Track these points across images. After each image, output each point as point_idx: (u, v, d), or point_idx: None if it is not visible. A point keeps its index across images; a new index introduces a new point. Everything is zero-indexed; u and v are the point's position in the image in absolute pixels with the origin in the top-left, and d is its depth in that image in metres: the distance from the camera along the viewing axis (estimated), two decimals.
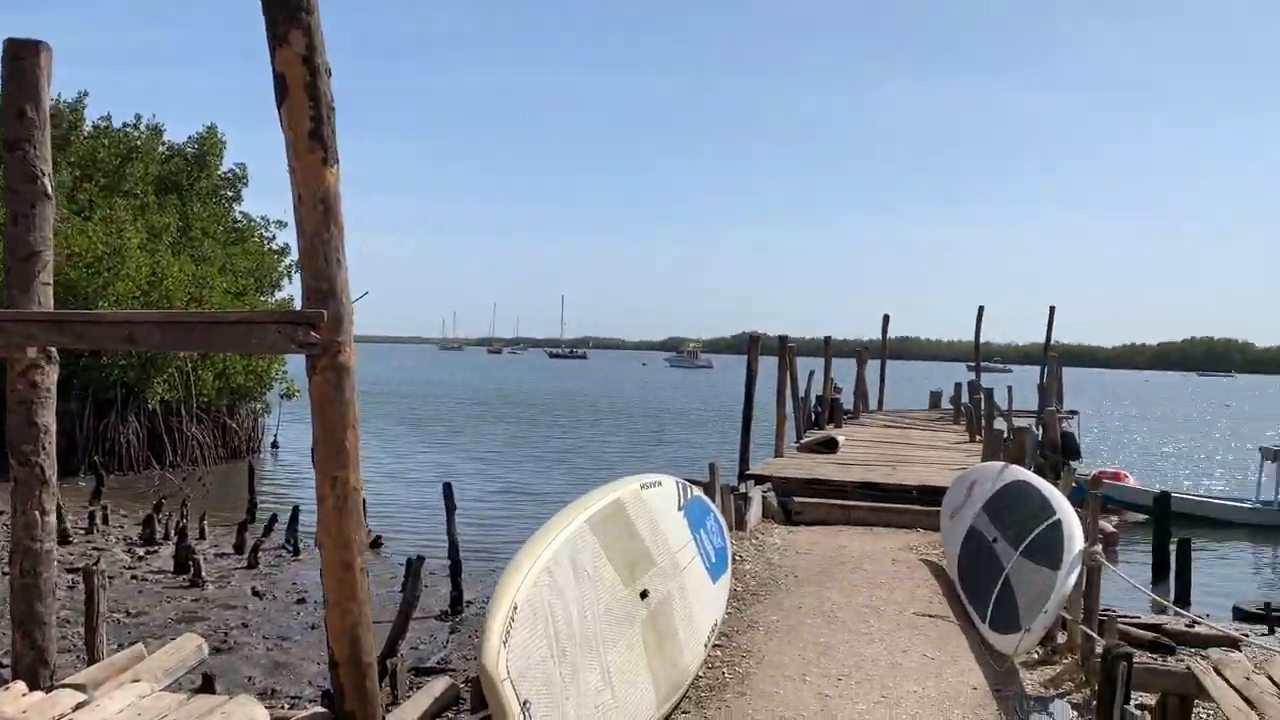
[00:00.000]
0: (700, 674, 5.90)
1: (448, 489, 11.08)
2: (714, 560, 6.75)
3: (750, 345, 15.47)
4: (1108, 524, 17.29)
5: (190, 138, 25.05)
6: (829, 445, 16.43)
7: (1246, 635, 10.24)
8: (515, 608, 4.18)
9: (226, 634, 9.42)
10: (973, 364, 29.15)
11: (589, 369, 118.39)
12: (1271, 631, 11.03)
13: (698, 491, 7.17)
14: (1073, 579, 6.31)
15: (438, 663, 8.81)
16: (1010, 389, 25.17)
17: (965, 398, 24.42)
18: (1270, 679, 5.55)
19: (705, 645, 6.06)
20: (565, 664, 4.38)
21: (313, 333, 4.00)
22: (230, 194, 25.66)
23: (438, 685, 5.02)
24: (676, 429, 37.66)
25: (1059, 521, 6.87)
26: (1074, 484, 8.70)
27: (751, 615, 7.30)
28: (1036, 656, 6.53)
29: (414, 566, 7.91)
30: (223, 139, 25.10)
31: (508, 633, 4.06)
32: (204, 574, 11.34)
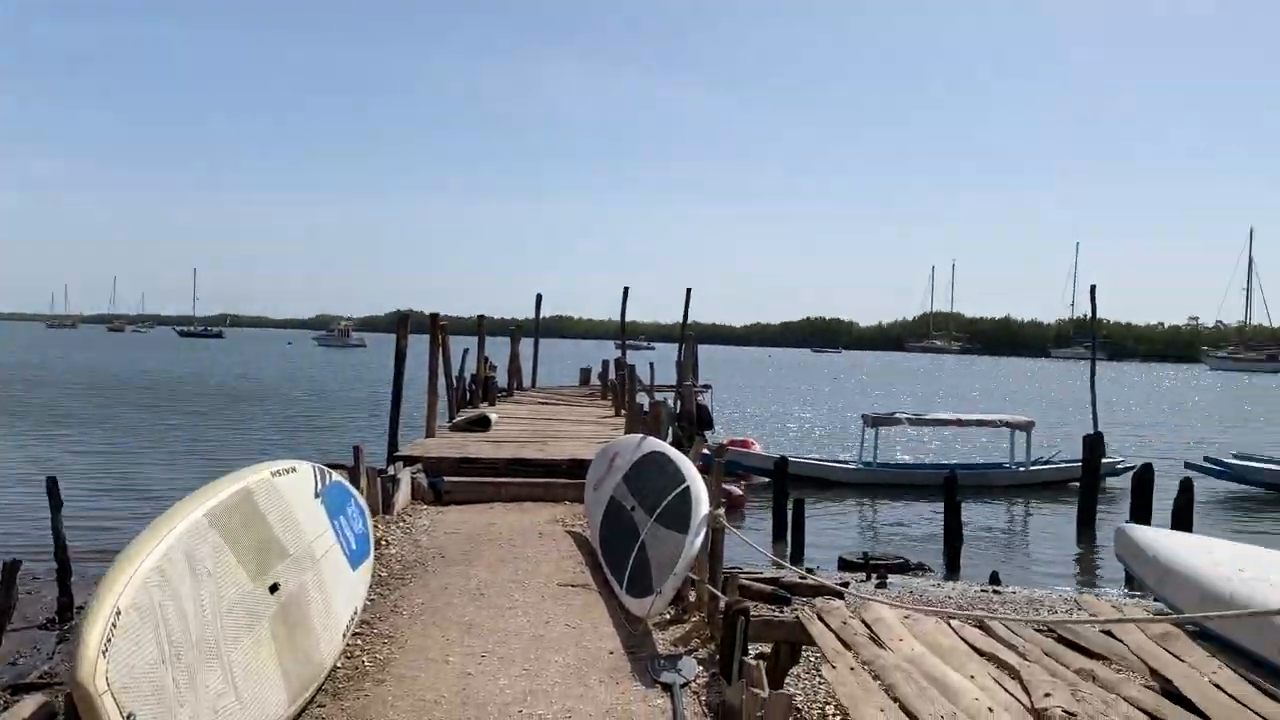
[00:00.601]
0: (338, 665, 5.68)
1: (52, 484, 9.93)
2: (355, 547, 6.52)
3: (400, 323, 15.11)
4: (736, 488, 18.83)
5: None
6: (482, 423, 16.48)
7: (848, 584, 11.54)
8: (118, 613, 3.78)
9: None
10: (620, 342, 30.48)
11: (226, 349, 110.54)
12: (869, 578, 12.49)
13: (338, 476, 6.88)
14: (699, 541, 6.74)
15: (41, 677, 7.84)
16: (652, 365, 26.62)
17: (612, 374, 25.49)
18: (863, 622, 6.27)
19: (344, 635, 5.84)
20: (180, 669, 4.03)
21: None
22: None
23: (26, 705, 4.44)
24: (325, 412, 36.17)
25: (688, 489, 7.32)
26: (705, 452, 9.30)
27: (395, 599, 7.14)
28: (669, 617, 6.91)
29: (8, 571, 7.00)
30: None
31: (108, 640, 3.65)
32: None
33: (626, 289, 28.06)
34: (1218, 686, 5.22)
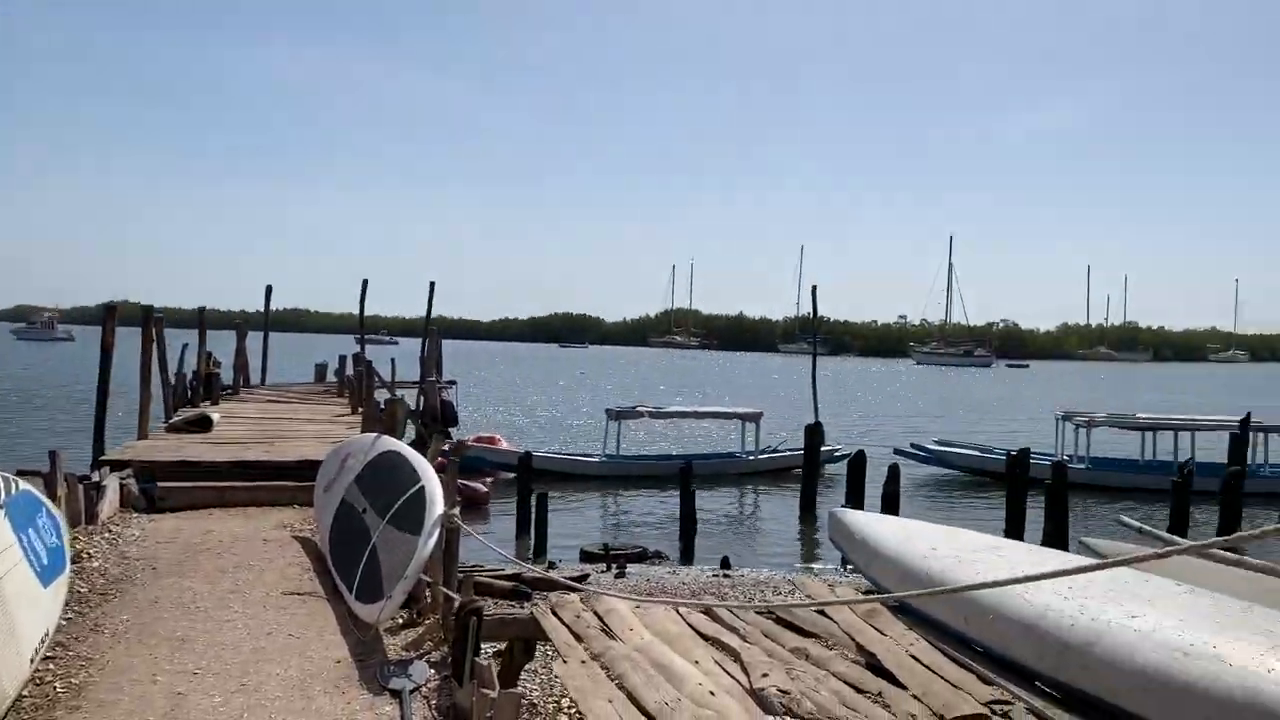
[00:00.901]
0: (25, 693, 5.13)
1: None
2: (46, 562, 5.91)
3: (106, 315, 13.87)
4: (482, 485, 18.72)
5: None
6: (202, 423, 15.41)
7: (589, 575, 11.74)
8: None
9: None
10: (359, 336, 29.45)
11: None
12: (609, 569, 12.76)
13: (26, 485, 6.22)
14: (432, 542, 6.61)
15: None
16: (394, 360, 25.93)
17: (350, 370, 24.59)
18: (596, 614, 6.37)
19: (33, 660, 5.27)
20: None
21: None
22: None
23: None
24: (21, 414, 32.71)
25: (423, 489, 7.15)
26: (445, 450, 9.16)
27: (97, 617, 6.54)
28: (402, 621, 6.74)
29: None
30: None
31: None
32: None
33: (365, 281, 27.15)
34: (914, 657, 5.70)
